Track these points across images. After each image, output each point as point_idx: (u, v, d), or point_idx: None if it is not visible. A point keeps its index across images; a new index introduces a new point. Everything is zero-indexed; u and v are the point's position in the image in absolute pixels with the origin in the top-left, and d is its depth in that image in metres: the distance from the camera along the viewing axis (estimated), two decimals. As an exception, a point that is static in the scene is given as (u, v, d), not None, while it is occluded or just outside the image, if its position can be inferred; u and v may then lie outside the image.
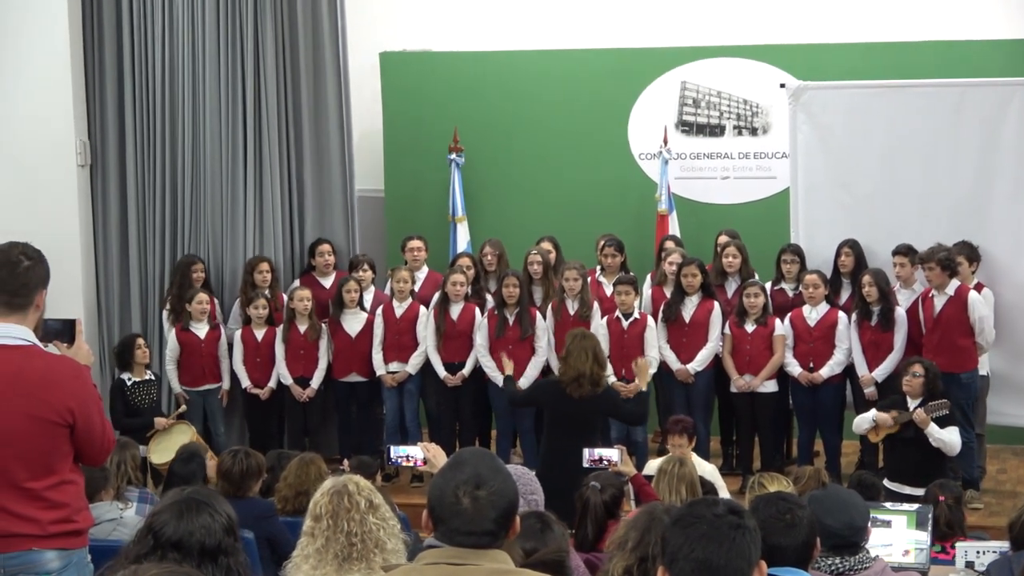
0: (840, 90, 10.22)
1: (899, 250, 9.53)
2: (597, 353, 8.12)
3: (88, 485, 4.91)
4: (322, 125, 10.76)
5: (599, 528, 5.88)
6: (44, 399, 4.49)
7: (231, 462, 6.58)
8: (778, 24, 11.89)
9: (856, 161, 9.91)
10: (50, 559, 4.53)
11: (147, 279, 10.88)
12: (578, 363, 8.05)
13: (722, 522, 2.91)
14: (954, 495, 7.06)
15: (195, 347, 10.10)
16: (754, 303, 9.63)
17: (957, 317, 9.13)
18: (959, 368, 9.14)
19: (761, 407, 9.79)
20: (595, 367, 8.05)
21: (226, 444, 9.40)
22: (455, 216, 11.74)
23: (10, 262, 4.53)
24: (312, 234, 10.79)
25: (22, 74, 10.39)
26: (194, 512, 3.61)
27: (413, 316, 10.02)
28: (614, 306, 9.76)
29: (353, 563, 4.34)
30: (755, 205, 11.73)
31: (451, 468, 3.11)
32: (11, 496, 4.48)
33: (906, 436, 8.64)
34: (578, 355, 8.07)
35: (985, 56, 11.00)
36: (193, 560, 3.53)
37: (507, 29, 12.26)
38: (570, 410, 8.07)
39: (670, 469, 6.74)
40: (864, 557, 4.45)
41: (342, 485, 4.48)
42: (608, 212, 11.67)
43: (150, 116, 10.76)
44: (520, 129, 12.11)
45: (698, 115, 11.93)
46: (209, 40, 10.62)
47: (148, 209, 10.84)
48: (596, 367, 8.06)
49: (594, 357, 8.06)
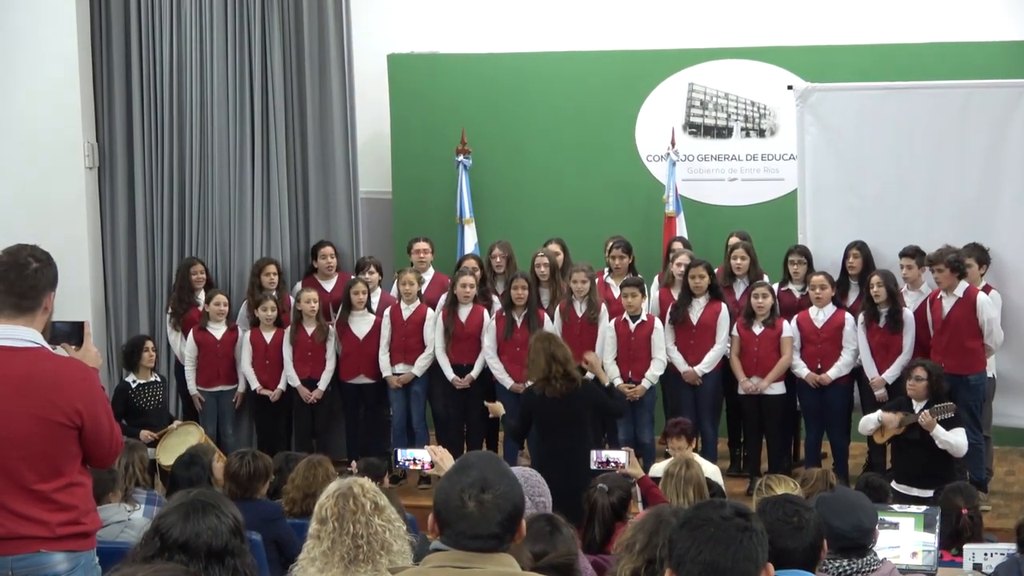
0: (847, 92, 10.21)
1: (906, 252, 9.51)
2: (552, 351, 8.03)
3: (96, 487, 4.91)
4: (327, 127, 10.78)
5: (606, 530, 5.88)
6: (52, 401, 4.49)
7: (238, 464, 6.59)
8: (785, 26, 11.88)
9: (863, 163, 9.89)
10: (58, 561, 4.52)
11: (155, 281, 10.91)
12: (535, 368, 8.06)
13: (729, 524, 2.91)
14: (974, 504, 6.88)
15: (212, 348, 10.12)
16: (762, 304, 9.62)
17: (966, 319, 9.11)
18: (968, 370, 9.13)
19: (769, 409, 9.78)
20: (554, 364, 7.98)
21: (235, 446, 9.41)
22: (463, 218, 11.74)
23: (19, 264, 4.53)
24: (316, 236, 10.82)
25: (30, 76, 10.43)
26: (200, 514, 3.61)
27: (420, 318, 10.02)
28: (622, 308, 9.75)
29: (359, 565, 4.34)
30: (763, 207, 11.72)
31: (457, 472, 3.11)
32: (19, 498, 4.48)
33: (913, 438, 8.62)
34: (534, 359, 8.06)
35: (992, 57, 11.00)
36: (200, 561, 3.54)
37: (515, 31, 12.26)
38: (553, 410, 8.06)
39: (677, 471, 6.74)
40: (872, 559, 4.45)
41: (347, 487, 4.48)
42: (615, 214, 11.67)
43: (158, 119, 10.80)
44: (528, 131, 12.10)
45: (706, 117, 11.93)
46: (217, 41, 10.65)
47: (156, 211, 10.88)
48: (555, 364, 7.99)
49: (549, 356, 8.00)
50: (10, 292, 4.52)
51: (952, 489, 7.01)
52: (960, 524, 6.60)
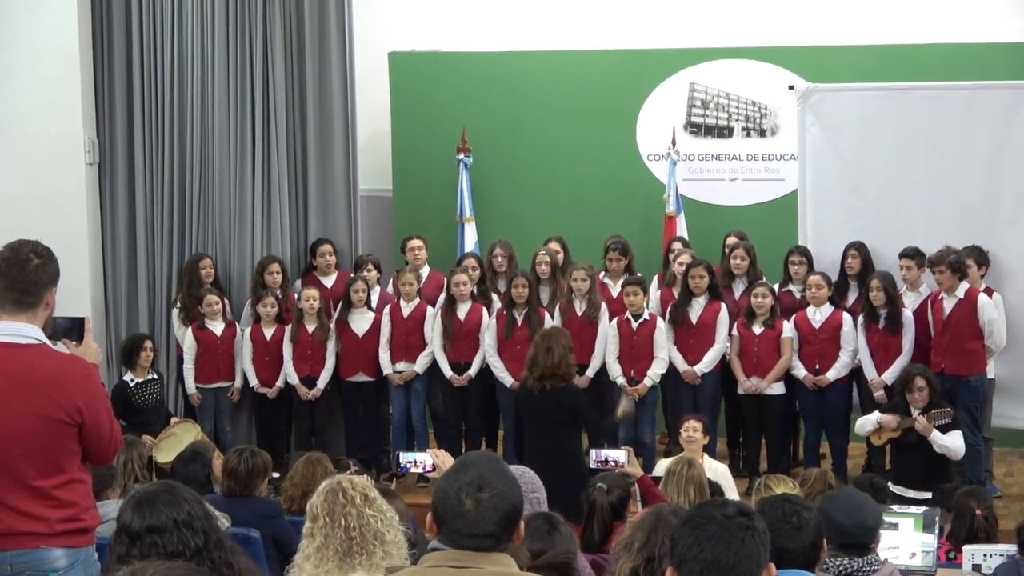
0: (849, 92, 10.20)
1: (906, 252, 9.51)
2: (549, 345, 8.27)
3: (95, 483, 4.91)
4: (328, 124, 10.77)
5: (605, 529, 5.88)
6: (53, 398, 4.49)
7: (236, 461, 6.59)
8: (787, 26, 11.87)
9: (864, 163, 9.89)
10: (57, 557, 4.53)
11: (155, 277, 10.91)
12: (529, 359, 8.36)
13: (732, 523, 2.91)
14: (988, 504, 6.87)
15: (212, 345, 10.13)
16: (762, 303, 9.62)
17: (967, 320, 9.12)
18: (968, 371, 9.14)
19: (768, 409, 9.78)
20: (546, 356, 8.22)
21: (233, 442, 9.43)
22: (463, 216, 11.73)
23: (20, 260, 4.53)
24: (316, 233, 10.81)
25: (31, 72, 10.43)
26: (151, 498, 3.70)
27: (420, 316, 10.02)
28: (621, 307, 9.76)
29: (354, 557, 4.39)
30: (763, 207, 11.72)
31: (455, 471, 3.12)
32: (19, 494, 4.48)
33: (910, 441, 8.64)
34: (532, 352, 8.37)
35: (994, 59, 10.99)
36: (173, 535, 3.56)
37: (516, 30, 12.25)
38: (536, 406, 8.28)
39: (678, 470, 6.74)
40: (873, 559, 4.45)
41: (336, 483, 4.57)
42: (616, 213, 11.66)
43: (158, 115, 10.80)
44: (528, 130, 12.10)
45: (706, 116, 11.92)
46: (218, 38, 10.65)
47: (156, 207, 10.87)
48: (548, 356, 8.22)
49: (544, 349, 8.25)
50: (12, 288, 4.51)
51: (966, 491, 7.01)
52: (975, 525, 6.60)
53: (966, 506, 6.73)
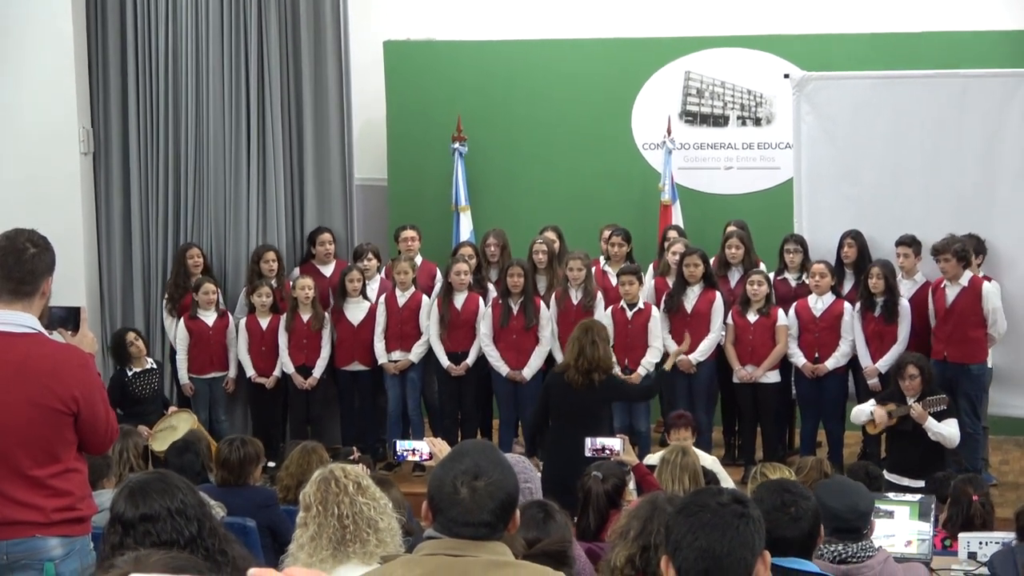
0: (844, 80, 10.19)
1: (902, 240, 9.51)
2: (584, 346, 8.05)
3: (91, 473, 4.92)
4: (323, 114, 10.75)
5: (601, 517, 5.88)
6: (49, 387, 4.49)
7: (228, 450, 6.59)
8: (782, 14, 11.87)
9: (860, 152, 9.88)
10: (53, 546, 4.54)
11: (150, 267, 10.89)
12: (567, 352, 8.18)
13: (726, 511, 2.91)
14: (985, 491, 6.89)
15: (204, 335, 10.10)
16: (757, 291, 9.61)
17: (971, 308, 9.11)
18: (970, 359, 9.15)
19: (763, 397, 9.79)
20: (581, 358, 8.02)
21: (228, 432, 9.41)
22: (458, 206, 11.73)
23: (16, 249, 4.53)
24: (312, 223, 10.79)
25: (26, 62, 10.38)
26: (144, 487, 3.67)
27: (416, 305, 10.02)
28: (619, 296, 9.75)
29: (348, 545, 4.41)
30: (759, 195, 11.73)
31: (451, 459, 3.12)
32: (15, 483, 4.49)
33: (905, 429, 8.63)
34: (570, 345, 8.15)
35: (989, 47, 11.00)
36: (166, 523, 3.56)
37: (511, 19, 12.25)
38: (570, 398, 8.07)
39: (673, 459, 6.75)
40: (867, 545, 4.46)
41: (328, 472, 4.58)
42: (611, 202, 11.67)
43: (153, 104, 10.77)
44: (524, 119, 12.09)
45: (702, 105, 11.92)
46: (212, 28, 10.62)
47: (151, 197, 10.85)
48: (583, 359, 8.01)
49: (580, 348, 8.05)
50: (8, 277, 4.52)
51: (963, 478, 7.02)
52: (972, 512, 6.61)
53: (963, 492, 6.74)
